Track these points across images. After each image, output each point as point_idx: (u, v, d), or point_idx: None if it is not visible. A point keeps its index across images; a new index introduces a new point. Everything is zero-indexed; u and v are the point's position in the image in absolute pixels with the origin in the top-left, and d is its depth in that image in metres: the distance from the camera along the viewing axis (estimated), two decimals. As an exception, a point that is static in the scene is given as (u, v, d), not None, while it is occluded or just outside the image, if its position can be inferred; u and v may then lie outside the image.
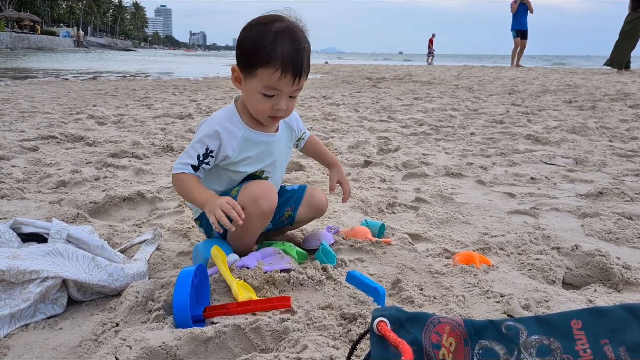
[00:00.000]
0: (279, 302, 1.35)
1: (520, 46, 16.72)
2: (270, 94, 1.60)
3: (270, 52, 1.54)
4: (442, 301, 1.50)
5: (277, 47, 1.54)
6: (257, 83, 1.59)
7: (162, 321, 1.30)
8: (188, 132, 4.55)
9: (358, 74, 15.19)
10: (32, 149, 3.62)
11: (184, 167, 1.66)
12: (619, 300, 1.55)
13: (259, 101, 1.61)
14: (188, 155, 1.66)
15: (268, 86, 1.58)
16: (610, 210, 2.44)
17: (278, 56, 1.54)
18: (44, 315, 1.35)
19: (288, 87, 1.59)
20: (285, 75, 1.55)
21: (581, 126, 4.99)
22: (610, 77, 12.21)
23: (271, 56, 1.54)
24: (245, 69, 1.61)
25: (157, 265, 1.75)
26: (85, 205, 2.34)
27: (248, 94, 1.64)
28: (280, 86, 1.58)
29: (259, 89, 1.59)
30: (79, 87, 9.30)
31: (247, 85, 1.63)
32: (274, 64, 1.54)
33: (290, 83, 1.58)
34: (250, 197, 1.62)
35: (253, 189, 1.64)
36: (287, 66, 1.55)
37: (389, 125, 5.17)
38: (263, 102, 1.61)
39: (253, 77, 1.59)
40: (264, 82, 1.57)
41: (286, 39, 1.56)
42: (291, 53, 1.55)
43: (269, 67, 1.54)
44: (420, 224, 2.27)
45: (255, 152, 1.72)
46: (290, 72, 1.56)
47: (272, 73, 1.55)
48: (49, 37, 68.31)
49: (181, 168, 1.66)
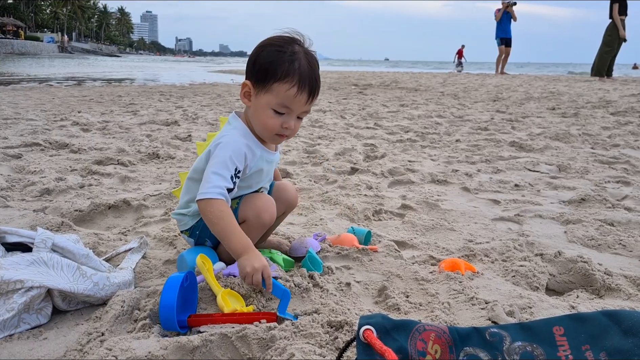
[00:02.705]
0: (265, 317, 1.35)
1: (505, 54, 16.94)
2: (281, 111, 1.58)
3: (289, 67, 1.54)
4: (427, 308, 1.52)
5: (295, 62, 1.55)
6: (270, 98, 1.57)
7: (148, 330, 1.30)
8: (174, 138, 4.54)
9: (344, 80, 15.25)
10: (15, 156, 3.58)
11: (221, 191, 1.53)
12: (601, 306, 1.57)
13: (269, 117, 1.59)
14: (221, 178, 1.54)
15: (281, 103, 1.57)
16: (592, 217, 2.48)
17: (296, 71, 1.54)
18: (28, 326, 1.34)
19: (301, 105, 1.58)
20: (301, 92, 1.55)
21: (564, 133, 5.06)
22: (592, 84, 12.40)
23: (289, 71, 1.54)
24: (258, 83, 1.58)
25: (143, 273, 1.74)
26: (70, 213, 2.33)
27: (258, 109, 1.61)
28: (294, 104, 1.57)
29: (272, 104, 1.57)
30: (63, 94, 9.22)
31: (258, 101, 1.60)
32: (291, 79, 1.54)
33: (304, 101, 1.57)
34: (253, 210, 1.64)
35: (255, 202, 1.66)
36: (304, 82, 1.55)
37: (375, 132, 5.20)
38: (273, 119, 1.59)
39: (267, 92, 1.57)
40: (279, 98, 1.56)
41: (303, 57, 1.57)
42: (308, 70, 1.56)
43: (286, 82, 1.54)
44: (406, 231, 2.29)
45: (264, 171, 1.73)
46: (306, 90, 1.56)
47: (289, 89, 1.54)
48: (32, 43, 67.70)
49: (219, 192, 1.53)
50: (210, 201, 1.52)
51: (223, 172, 1.55)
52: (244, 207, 1.66)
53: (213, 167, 1.56)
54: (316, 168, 3.51)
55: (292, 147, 4.25)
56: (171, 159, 3.69)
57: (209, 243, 1.77)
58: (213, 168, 1.56)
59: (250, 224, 1.65)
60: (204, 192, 1.53)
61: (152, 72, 23.07)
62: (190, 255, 1.68)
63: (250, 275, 1.43)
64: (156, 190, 2.82)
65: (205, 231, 1.74)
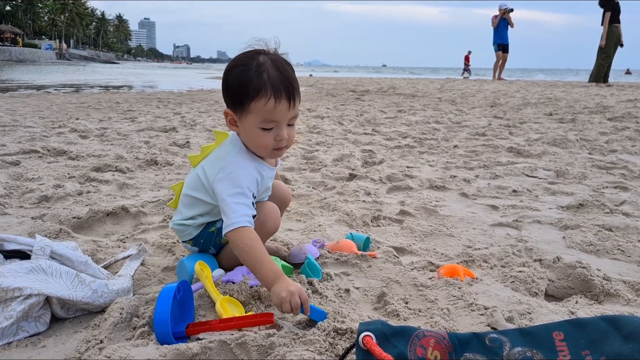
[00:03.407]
0: (262, 318, 1.34)
1: (502, 59, 17.02)
2: (269, 127, 1.56)
3: (258, 81, 1.51)
4: (427, 314, 1.52)
5: (263, 75, 1.52)
6: (253, 118, 1.55)
7: (147, 337, 1.29)
8: (172, 145, 4.54)
9: (342, 86, 15.28)
10: (13, 163, 3.58)
11: (249, 219, 1.52)
12: (600, 312, 1.57)
13: (260, 136, 1.57)
14: (246, 206, 1.54)
15: (265, 119, 1.54)
16: (590, 222, 2.48)
17: (267, 83, 1.51)
18: (27, 334, 1.34)
19: (284, 114, 1.55)
20: (279, 102, 1.52)
21: (562, 139, 5.07)
22: (589, 90, 12.45)
23: (260, 85, 1.51)
24: (237, 109, 1.57)
25: (142, 280, 1.74)
26: (69, 220, 2.32)
27: (247, 133, 1.60)
28: (277, 115, 1.54)
29: (256, 124, 1.56)
30: (61, 100, 9.22)
31: (243, 125, 1.59)
32: (265, 93, 1.51)
33: (285, 109, 1.54)
34: (259, 219, 1.63)
35: (260, 211, 1.66)
36: (278, 91, 1.52)
37: (373, 138, 5.21)
38: (264, 137, 1.57)
39: (248, 114, 1.55)
40: (260, 116, 1.54)
41: (271, 67, 1.54)
42: (279, 77, 1.53)
43: (261, 98, 1.51)
44: (405, 237, 2.29)
45: (268, 187, 1.77)
46: (284, 97, 1.52)
47: (266, 103, 1.51)
48: (30, 50, 67.80)
49: (248, 220, 1.51)
50: (241, 230, 1.49)
51: (246, 201, 1.55)
52: None
53: (235, 198, 1.54)
54: (314, 174, 3.51)
55: (290, 153, 4.26)
56: (169, 166, 3.69)
57: (213, 250, 1.77)
58: (235, 199, 1.54)
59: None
60: (234, 222, 1.50)
61: (150, 78, 23.09)
62: (190, 261, 1.68)
63: (287, 300, 1.36)
64: (154, 197, 2.82)
65: (210, 240, 1.74)
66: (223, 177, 1.58)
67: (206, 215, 1.73)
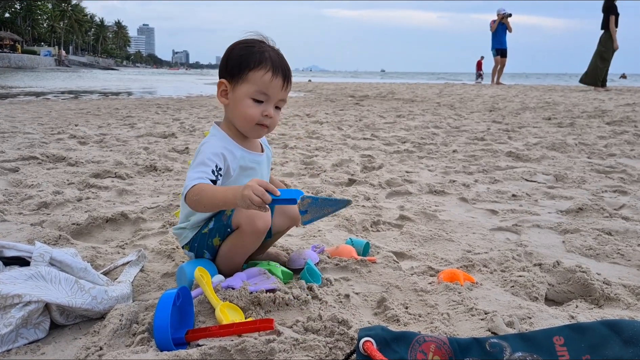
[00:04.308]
0: (262, 324, 1.34)
1: (500, 64, 17.07)
2: (260, 99, 1.66)
3: (260, 56, 1.65)
4: (427, 319, 1.51)
5: (265, 53, 1.67)
6: (248, 87, 1.65)
7: (146, 344, 1.29)
8: (172, 151, 4.54)
9: (341, 92, 15.31)
10: (12, 169, 3.58)
11: (201, 179, 1.56)
12: (600, 316, 1.57)
13: (249, 107, 1.66)
14: (200, 172, 1.58)
15: (259, 90, 1.65)
16: (590, 227, 2.48)
17: (268, 59, 1.65)
18: (26, 341, 1.33)
19: (278, 90, 1.67)
20: (276, 77, 1.65)
21: (560, 143, 5.08)
22: (587, 94, 12.48)
23: (262, 58, 1.65)
24: (233, 78, 1.67)
25: (141, 287, 1.74)
26: (68, 226, 2.32)
27: (236, 102, 1.68)
28: (271, 89, 1.65)
29: (250, 93, 1.65)
30: (61, 107, 9.23)
31: (235, 94, 1.68)
32: (265, 65, 1.64)
33: (280, 86, 1.66)
34: (246, 216, 1.62)
35: (248, 209, 1.63)
36: (277, 68, 1.65)
37: (372, 143, 5.21)
38: (252, 108, 1.66)
39: (243, 82, 1.66)
40: (255, 85, 1.64)
41: (271, 50, 1.69)
42: (279, 59, 1.68)
43: (260, 69, 1.64)
44: (405, 242, 2.29)
45: (250, 171, 1.75)
46: (280, 74, 1.66)
47: (264, 74, 1.64)
48: (29, 56, 67.90)
49: (198, 180, 1.56)
50: (191, 189, 1.54)
51: (202, 168, 1.60)
52: (238, 213, 1.65)
53: (193, 168, 1.63)
54: (314, 179, 3.51)
55: (289, 158, 4.26)
56: (168, 172, 3.69)
57: (208, 255, 1.76)
58: (193, 169, 1.62)
59: (243, 230, 1.64)
60: (184, 187, 1.57)
61: (149, 84, 23.12)
62: (189, 267, 1.68)
63: (249, 194, 1.40)
64: (154, 203, 2.82)
65: (203, 243, 1.74)
66: (194, 158, 1.68)
67: (198, 214, 1.73)
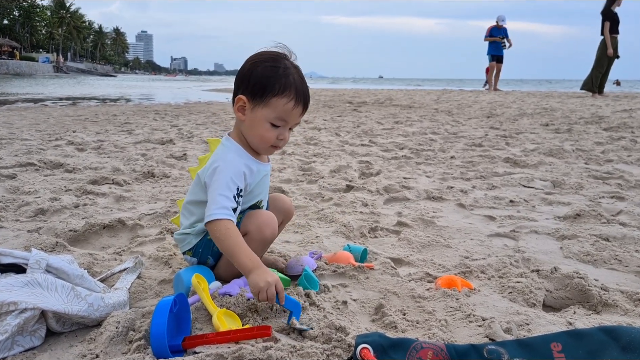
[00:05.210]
0: (259, 331, 1.34)
1: (496, 70, 17.12)
2: (278, 124, 1.65)
3: (285, 80, 1.61)
4: (424, 326, 1.51)
5: (290, 77, 1.63)
6: (269, 112, 1.63)
7: (143, 351, 1.28)
8: (169, 157, 4.54)
9: (339, 98, 15.33)
10: (10, 176, 3.57)
11: (227, 211, 1.57)
12: (598, 322, 1.57)
13: (266, 130, 1.65)
14: (226, 198, 1.58)
15: (279, 117, 1.64)
16: (587, 232, 2.48)
17: (292, 86, 1.62)
18: (22, 348, 1.33)
19: (296, 117, 1.67)
20: (297, 105, 1.63)
21: (558, 149, 5.09)
22: (584, 100, 12.52)
23: (286, 85, 1.61)
24: (255, 98, 1.64)
25: (138, 294, 1.73)
26: (65, 233, 2.32)
27: (254, 122, 1.66)
28: (291, 117, 1.65)
29: (270, 118, 1.64)
30: (58, 113, 9.23)
31: (254, 114, 1.65)
32: (289, 94, 1.61)
33: (299, 114, 1.66)
34: (256, 224, 1.68)
35: (257, 217, 1.70)
36: (300, 96, 1.63)
37: (370, 149, 5.22)
38: (270, 132, 1.66)
39: (265, 106, 1.63)
40: (277, 112, 1.63)
41: (295, 73, 1.65)
42: (302, 85, 1.65)
43: (284, 97, 1.61)
44: (403, 248, 2.28)
45: (261, 183, 1.78)
46: (302, 103, 1.65)
47: (287, 102, 1.62)
48: (27, 63, 67.95)
49: (224, 213, 1.56)
50: (218, 222, 1.56)
51: (226, 193, 1.59)
52: (247, 221, 1.69)
53: (217, 190, 1.60)
54: (312, 186, 3.51)
55: (287, 164, 4.26)
56: (166, 178, 3.69)
57: (211, 261, 1.77)
58: (217, 190, 1.60)
59: (251, 236, 1.67)
60: (210, 214, 1.57)
61: (147, 91, 23.14)
62: (186, 274, 1.67)
63: (265, 289, 1.43)
64: (151, 209, 2.82)
65: (208, 249, 1.74)
66: (211, 171, 1.65)
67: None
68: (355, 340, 1.12)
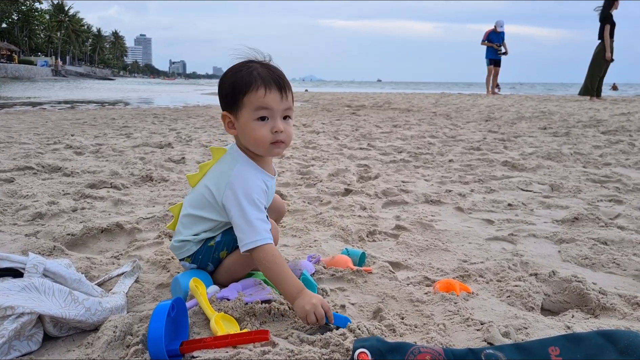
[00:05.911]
0: (257, 335, 1.33)
1: (494, 73, 17.17)
2: (263, 115, 1.61)
3: (249, 77, 1.60)
4: (423, 330, 1.51)
5: (253, 72, 1.61)
6: (247, 112, 1.61)
7: (140, 356, 1.28)
8: (168, 161, 4.53)
9: (338, 101, 15.35)
10: (7, 180, 3.57)
11: (269, 235, 1.57)
12: (596, 326, 1.57)
13: (256, 129, 1.61)
14: (262, 222, 1.59)
15: (258, 107, 1.60)
16: (585, 236, 2.48)
17: (257, 77, 1.60)
18: (19, 353, 1.32)
19: (277, 101, 1.60)
20: (269, 90, 1.59)
21: (556, 152, 5.10)
22: (582, 104, 12.55)
23: (251, 80, 1.59)
24: (233, 108, 1.64)
25: (136, 298, 1.73)
26: (62, 237, 2.31)
27: (244, 129, 1.64)
28: (270, 102, 1.59)
29: (252, 115, 1.61)
30: (57, 117, 9.23)
31: (240, 122, 1.64)
32: (255, 85, 1.59)
33: (277, 97, 1.60)
34: None
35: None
36: (268, 82, 1.60)
37: (368, 153, 5.22)
38: (260, 128, 1.61)
39: (242, 109, 1.62)
40: (253, 105, 1.60)
41: (260, 67, 1.64)
42: (268, 73, 1.62)
43: (252, 89, 1.59)
44: (401, 252, 2.28)
45: (271, 196, 1.79)
46: (274, 86, 1.60)
47: (257, 92, 1.59)
48: (26, 67, 67.97)
49: (269, 237, 1.57)
50: (265, 247, 1.55)
51: (261, 216, 1.60)
52: None
53: (251, 214, 1.58)
54: (310, 189, 3.51)
55: (285, 168, 4.26)
56: (165, 182, 3.69)
57: (211, 267, 1.76)
58: (251, 215, 1.58)
59: None
60: (257, 240, 1.55)
61: (146, 94, 23.14)
62: (184, 278, 1.67)
63: (312, 312, 1.43)
64: (149, 213, 2.81)
65: (208, 256, 1.73)
66: (233, 193, 1.61)
67: (209, 231, 1.74)
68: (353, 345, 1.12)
